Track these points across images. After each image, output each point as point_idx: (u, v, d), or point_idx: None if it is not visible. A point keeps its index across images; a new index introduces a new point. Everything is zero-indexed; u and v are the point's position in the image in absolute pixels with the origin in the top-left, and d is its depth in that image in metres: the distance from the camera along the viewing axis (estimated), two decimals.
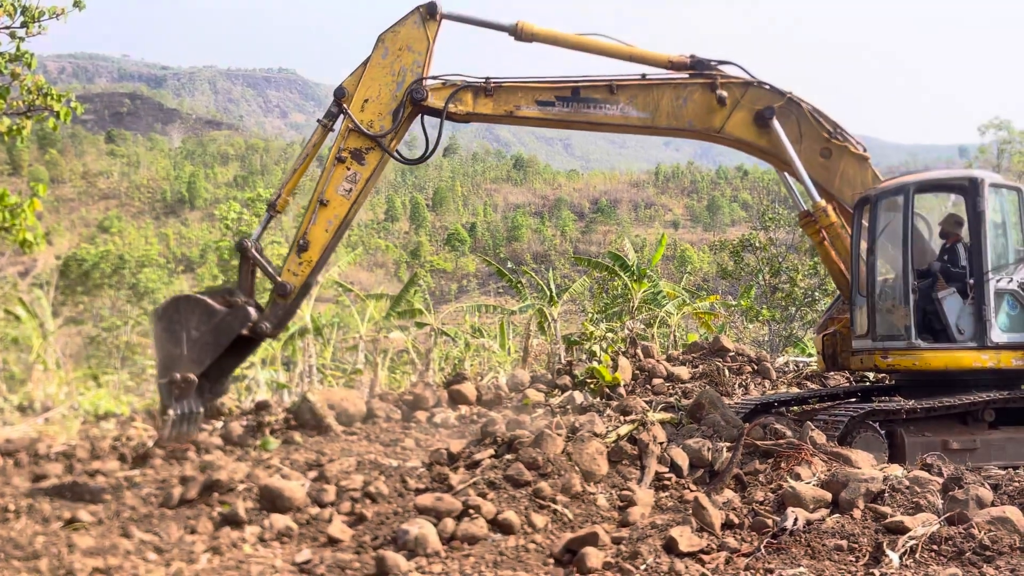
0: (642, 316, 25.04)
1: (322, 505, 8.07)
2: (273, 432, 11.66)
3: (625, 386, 14.10)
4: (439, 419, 12.39)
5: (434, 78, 10.17)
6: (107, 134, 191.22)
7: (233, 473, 8.82)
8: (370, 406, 12.64)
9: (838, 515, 7.07)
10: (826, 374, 14.39)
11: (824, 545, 6.53)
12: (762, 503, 7.61)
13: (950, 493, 7.10)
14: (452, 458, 8.92)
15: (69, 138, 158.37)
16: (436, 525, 7.14)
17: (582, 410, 12.26)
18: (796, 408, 11.83)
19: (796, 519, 6.86)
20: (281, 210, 10.28)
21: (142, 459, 10.31)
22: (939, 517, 6.71)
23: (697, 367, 15.40)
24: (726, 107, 10.43)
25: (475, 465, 8.40)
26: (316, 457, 10.23)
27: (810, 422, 9.49)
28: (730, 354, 16.16)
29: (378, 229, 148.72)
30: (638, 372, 14.83)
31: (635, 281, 25.11)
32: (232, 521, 7.76)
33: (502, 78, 10.33)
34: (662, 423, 9.83)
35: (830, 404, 11.42)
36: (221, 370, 9.48)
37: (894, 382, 11.40)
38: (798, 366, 16.73)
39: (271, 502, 8.00)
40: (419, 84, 10.01)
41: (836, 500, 7.37)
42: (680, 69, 10.52)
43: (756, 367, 15.53)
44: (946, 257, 10.61)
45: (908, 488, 7.34)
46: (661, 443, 8.85)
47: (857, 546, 6.47)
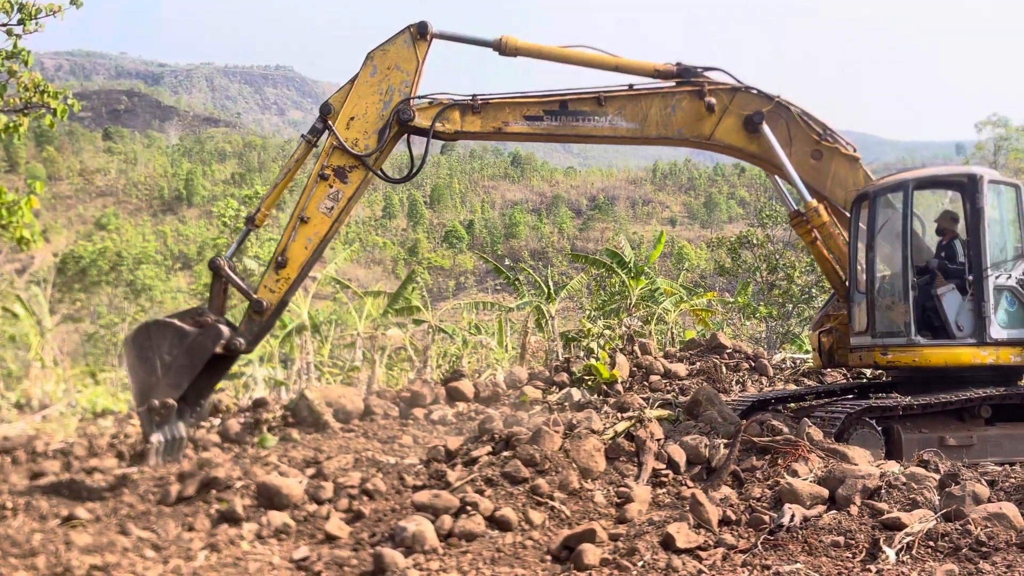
0: (640, 313, 25.07)
1: (320, 502, 8.07)
2: (271, 429, 11.68)
3: (622, 383, 14.12)
4: (437, 416, 12.41)
5: (421, 98, 10.06)
6: (104, 131, 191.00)
7: (231, 471, 8.83)
8: (368, 403, 12.66)
9: (835, 511, 7.08)
10: (823, 371, 14.41)
11: (821, 541, 6.53)
12: (759, 499, 7.62)
13: (946, 489, 7.10)
14: (450, 455, 8.93)
15: (66, 135, 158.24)
16: (433, 522, 7.15)
17: (579, 407, 12.28)
18: (793, 405, 11.85)
19: (793, 515, 6.87)
20: (260, 225, 10.12)
21: (140, 456, 10.33)
22: (935, 513, 6.72)
23: (694, 364, 15.42)
24: (715, 114, 10.38)
25: (472, 462, 8.41)
26: (314, 454, 10.24)
27: (807, 419, 9.51)
28: (727, 351, 16.18)
29: (376, 226, 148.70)
30: (635, 369, 14.85)
31: (633, 278, 25.14)
32: (230, 518, 7.76)
33: (489, 95, 10.25)
34: (659, 420, 9.83)
35: (827, 401, 11.44)
36: (199, 392, 9.27)
37: (891, 378, 11.42)
38: (795, 363, 16.75)
39: (269, 499, 8.00)
40: (406, 104, 9.89)
41: (833, 496, 7.37)
42: (667, 78, 10.44)
43: (753, 364, 15.55)
44: (944, 254, 10.63)
45: (905, 484, 7.35)
46: (658, 440, 8.85)
47: (854, 542, 6.48)
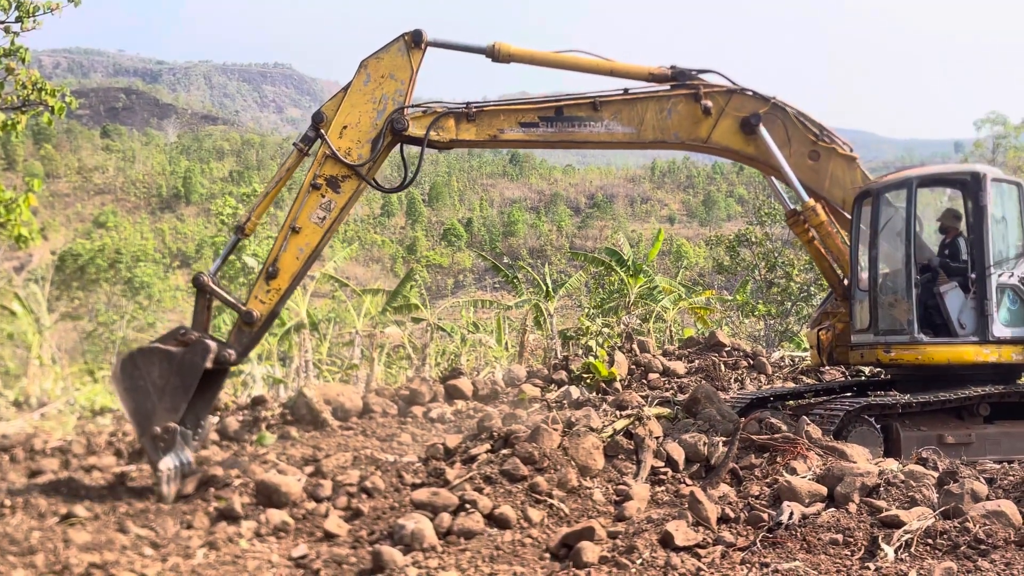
0: (638, 311, 25.09)
1: (318, 500, 8.07)
2: (269, 427, 11.68)
3: (621, 381, 14.13)
4: (435, 414, 12.41)
5: (415, 106, 9.93)
6: (102, 129, 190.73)
7: (229, 470, 8.84)
8: (366, 401, 12.66)
9: (833, 509, 7.08)
10: (821, 369, 14.42)
11: (820, 539, 6.54)
12: (758, 497, 7.62)
13: (945, 487, 7.11)
14: (448, 453, 8.94)
15: (64, 133, 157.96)
16: (432, 520, 7.15)
17: (578, 405, 12.29)
18: (792, 403, 11.84)
19: (792, 513, 6.87)
20: (250, 234, 9.92)
21: (138, 454, 10.32)
22: (934, 511, 6.72)
23: (693, 362, 15.43)
24: (711, 116, 10.32)
25: (471, 460, 8.41)
26: (312, 452, 10.25)
27: (806, 416, 9.50)
28: (726, 349, 16.19)
29: (374, 224, 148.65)
30: (634, 367, 14.85)
31: (631, 276, 25.16)
32: (228, 516, 7.76)
33: (483, 102, 10.19)
34: (658, 418, 9.83)
35: (826, 399, 11.44)
36: (196, 413, 9.04)
37: (889, 376, 11.43)
38: (794, 361, 16.76)
39: (267, 497, 8.00)
40: (400, 113, 9.75)
41: (832, 494, 7.38)
42: (662, 81, 10.39)
43: (752, 362, 15.56)
44: (946, 251, 10.62)
45: (903, 482, 7.35)
46: (657, 438, 8.86)
47: (852, 540, 6.49)
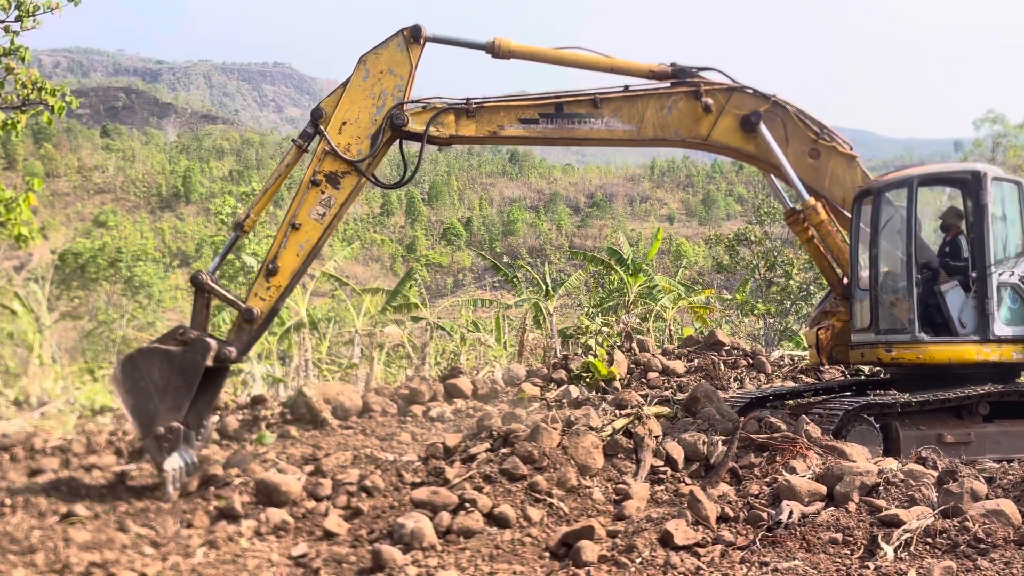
0: (638, 310, 25.09)
1: (318, 499, 8.08)
2: (269, 426, 11.67)
3: (621, 380, 14.12)
4: (435, 413, 12.41)
5: (414, 102, 9.87)
6: (102, 128, 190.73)
7: (231, 468, 8.84)
8: (366, 400, 12.65)
9: (833, 508, 7.08)
10: (821, 368, 14.42)
11: (819, 538, 6.54)
12: (757, 496, 7.63)
13: (945, 486, 7.11)
14: (448, 452, 8.94)
15: (64, 132, 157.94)
16: (432, 519, 7.15)
17: (578, 404, 12.28)
18: (791, 402, 11.85)
19: (791, 512, 6.88)
20: (249, 231, 9.85)
21: (138, 453, 10.32)
22: (934, 510, 6.73)
23: (692, 361, 15.42)
24: (712, 114, 10.32)
25: (471, 459, 8.41)
26: (312, 451, 10.25)
27: (805, 416, 9.51)
28: (725, 348, 16.18)
29: (374, 223, 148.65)
30: (633, 366, 14.85)
31: (631, 275, 25.16)
32: (228, 515, 7.77)
33: (483, 98, 10.12)
34: (657, 417, 9.84)
35: (825, 398, 11.45)
36: (198, 412, 9.01)
37: (889, 375, 11.43)
38: (793, 360, 16.76)
39: (267, 496, 8.01)
40: (400, 109, 9.70)
41: (831, 493, 7.39)
42: (662, 78, 10.38)
43: (751, 361, 15.55)
44: (948, 250, 10.63)
45: (903, 481, 7.36)
46: (656, 437, 8.86)
47: (852, 539, 6.49)
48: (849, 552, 6.34)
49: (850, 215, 10.64)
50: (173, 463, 8.47)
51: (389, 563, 6.47)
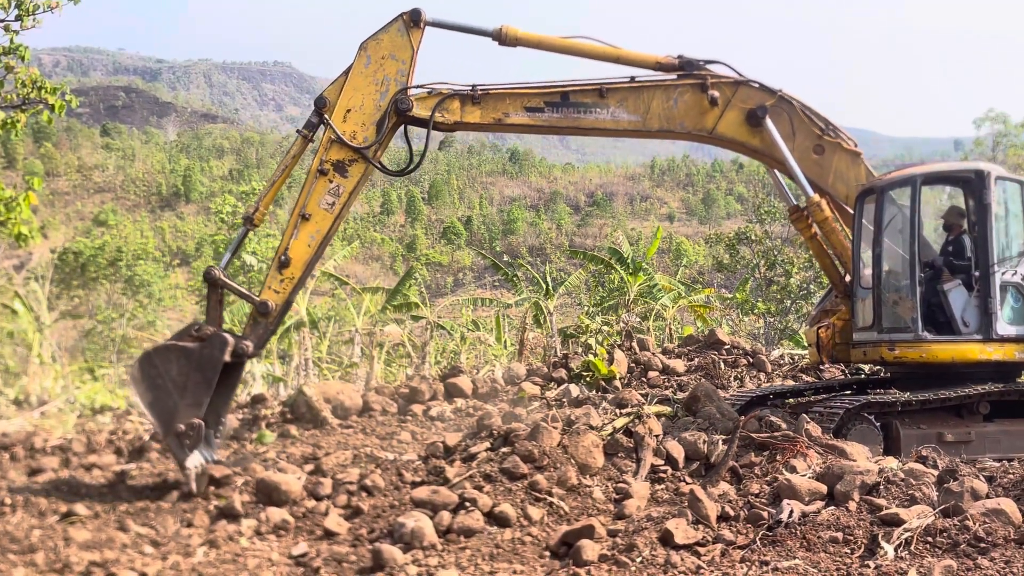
0: (638, 309, 25.07)
1: (318, 498, 8.08)
2: (269, 426, 11.68)
3: (621, 379, 14.11)
4: (435, 412, 12.41)
5: (419, 87, 9.82)
6: (102, 127, 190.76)
7: (235, 468, 8.83)
8: (366, 399, 12.66)
9: (833, 507, 7.08)
10: (821, 367, 14.41)
11: (819, 537, 6.54)
12: (758, 496, 7.62)
13: (945, 485, 7.11)
14: (448, 451, 8.94)
15: (64, 132, 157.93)
16: (432, 518, 7.15)
17: (578, 403, 12.28)
18: (791, 401, 11.84)
19: (792, 511, 6.88)
20: (258, 224, 9.84)
21: (138, 452, 10.33)
22: (934, 509, 6.73)
23: (693, 360, 15.41)
24: (718, 107, 10.30)
25: (471, 458, 8.41)
26: (312, 450, 10.25)
27: (805, 415, 9.50)
28: (725, 347, 16.18)
29: (374, 222, 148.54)
30: (634, 365, 14.84)
31: (631, 274, 25.15)
32: (228, 514, 7.76)
33: (489, 85, 10.06)
34: (658, 416, 9.84)
35: (825, 397, 11.44)
36: (216, 409, 8.95)
37: (889, 374, 11.42)
38: (793, 359, 16.75)
39: (267, 495, 8.01)
40: (404, 94, 9.65)
41: (831, 492, 7.39)
42: (668, 70, 10.36)
43: (751, 360, 15.55)
44: (950, 249, 10.61)
45: (903, 480, 7.36)
46: (657, 436, 8.86)
47: (852, 538, 6.49)
48: (849, 551, 6.34)
49: (853, 212, 10.64)
50: (195, 460, 8.42)
51: (389, 562, 6.47)
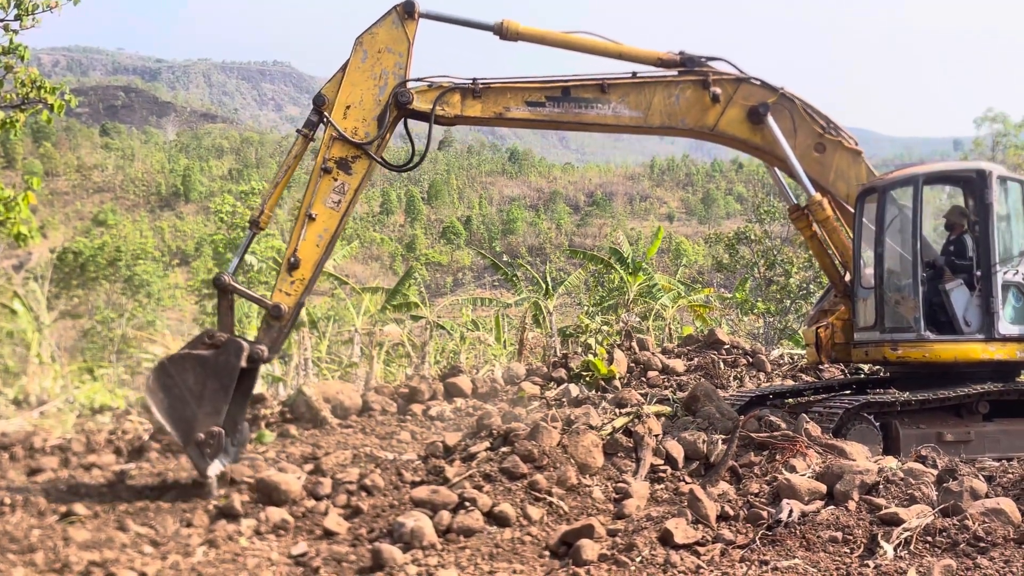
0: (637, 309, 25.06)
1: (318, 498, 8.08)
2: (269, 425, 11.67)
3: (620, 379, 14.10)
4: (435, 412, 12.41)
5: (418, 80, 9.74)
6: (101, 127, 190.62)
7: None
8: (366, 399, 12.65)
9: (833, 507, 7.09)
10: (820, 367, 14.41)
11: (819, 537, 6.54)
12: (757, 495, 7.63)
13: (944, 485, 7.12)
14: (448, 451, 8.94)
15: (63, 131, 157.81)
16: (432, 518, 7.15)
17: (577, 403, 12.27)
18: (791, 400, 11.85)
19: (791, 511, 6.88)
20: (264, 227, 9.72)
21: (138, 452, 10.33)
22: (933, 509, 6.73)
23: (692, 360, 15.40)
24: (719, 104, 10.29)
25: (471, 458, 8.41)
26: (312, 450, 10.25)
27: (805, 414, 9.51)
28: (725, 347, 16.17)
29: (373, 222, 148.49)
30: (633, 365, 14.83)
31: (630, 274, 25.14)
32: (228, 514, 7.77)
33: (490, 79, 9.98)
34: (657, 416, 9.84)
35: (825, 396, 11.45)
36: (232, 416, 8.86)
37: (888, 374, 11.42)
38: (793, 359, 16.75)
39: (267, 495, 8.01)
40: (403, 87, 9.58)
41: (831, 492, 7.39)
42: (670, 66, 10.35)
43: (751, 360, 15.54)
44: (952, 249, 10.61)
45: (903, 480, 7.36)
46: (656, 436, 8.86)
47: (852, 538, 6.50)
48: (849, 551, 6.34)
49: (853, 211, 10.64)
50: (216, 468, 8.36)
51: (389, 562, 6.47)
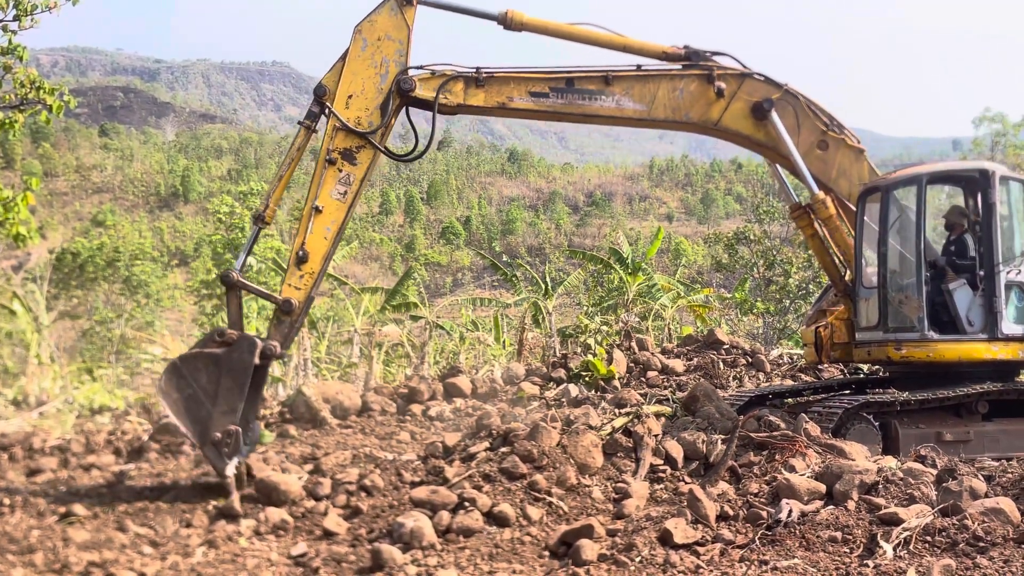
0: (637, 309, 25.05)
1: (318, 498, 8.08)
2: (268, 426, 11.66)
3: (620, 379, 14.11)
4: (434, 412, 12.40)
5: (420, 67, 9.63)
6: (100, 128, 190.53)
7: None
8: (365, 399, 12.65)
9: (832, 507, 7.09)
10: (820, 366, 14.42)
11: (818, 537, 6.55)
12: (757, 495, 7.63)
13: (944, 484, 7.12)
14: (447, 451, 8.94)
15: (62, 132, 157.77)
16: (432, 518, 7.15)
17: (577, 403, 12.27)
18: (790, 400, 11.85)
19: (791, 511, 6.88)
20: (269, 222, 9.57)
21: (137, 453, 10.32)
22: (933, 508, 6.73)
23: (692, 360, 15.41)
24: (723, 99, 10.27)
25: (470, 458, 8.41)
26: (311, 450, 10.24)
27: (804, 414, 9.51)
28: (724, 347, 16.17)
29: (373, 222, 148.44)
30: (633, 365, 14.83)
31: (630, 274, 25.13)
32: (228, 515, 7.76)
33: (493, 68, 9.89)
34: (657, 416, 9.84)
35: (824, 396, 11.45)
36: (244, 415, 8.69)
37: (888, 374, 11.43)
38: (792, 358, 16.75)
39: (267, 495, 8.00)
40: (405, 74, 9.46)
41: (830, 492, 7.39)
42: (675, 60, 10.32)
43: (750, 360, 15.55)
44: (953, 248, 10.62)
45: (902, 480, 7.36)
46: (656, 436, 8.86)
47: (851, 537, 6.50)
48: (848, 550, 6.34)
49: (855, 209, 10.65)
50: (233, 468, 8.28)
51: (389, 562, 6.47)
